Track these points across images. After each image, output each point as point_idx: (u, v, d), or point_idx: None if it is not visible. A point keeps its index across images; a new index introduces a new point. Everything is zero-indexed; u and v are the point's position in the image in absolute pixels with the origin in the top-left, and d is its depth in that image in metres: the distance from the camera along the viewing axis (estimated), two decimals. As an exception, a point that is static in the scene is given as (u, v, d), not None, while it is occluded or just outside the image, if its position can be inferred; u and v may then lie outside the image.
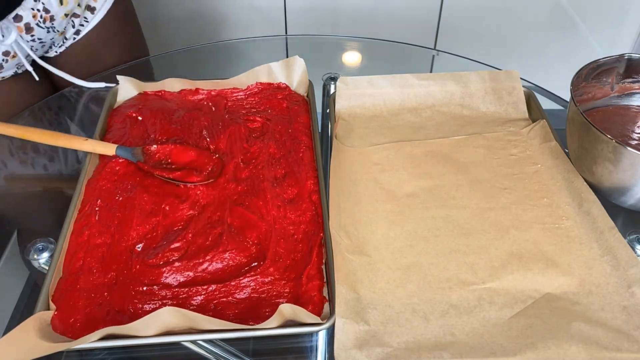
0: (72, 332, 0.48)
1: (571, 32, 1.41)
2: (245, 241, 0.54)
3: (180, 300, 0.50)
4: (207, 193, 0.60)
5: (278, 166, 0.62)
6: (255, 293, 0.51)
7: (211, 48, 0.94)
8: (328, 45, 0.95)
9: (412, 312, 0.50)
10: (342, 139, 0.68)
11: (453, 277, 0.53)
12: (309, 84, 0.73)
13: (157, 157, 0.62)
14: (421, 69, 0.89)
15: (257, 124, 0.68)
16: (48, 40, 0.78)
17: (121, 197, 0.58)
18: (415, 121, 0.72)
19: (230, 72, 0.74)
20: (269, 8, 1.33)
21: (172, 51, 0.90)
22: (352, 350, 0.46)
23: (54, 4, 0.74)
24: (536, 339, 0.47)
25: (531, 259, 0.54)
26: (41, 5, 0.73)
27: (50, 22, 0.75)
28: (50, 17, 0.75)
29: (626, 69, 0.65)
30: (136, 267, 0.52)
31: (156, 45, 1.06)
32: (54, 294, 0.50)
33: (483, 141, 0.68)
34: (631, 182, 0.56)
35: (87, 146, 0.62)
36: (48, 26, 0.76)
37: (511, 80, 0.72)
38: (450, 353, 0.47)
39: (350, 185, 0.62)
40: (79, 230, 0.55)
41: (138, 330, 0.46)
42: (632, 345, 0.47)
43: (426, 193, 0.61)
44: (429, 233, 0.57)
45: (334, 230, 0.54)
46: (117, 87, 0.72)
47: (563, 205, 0.59)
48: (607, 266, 0.53)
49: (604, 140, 0.55)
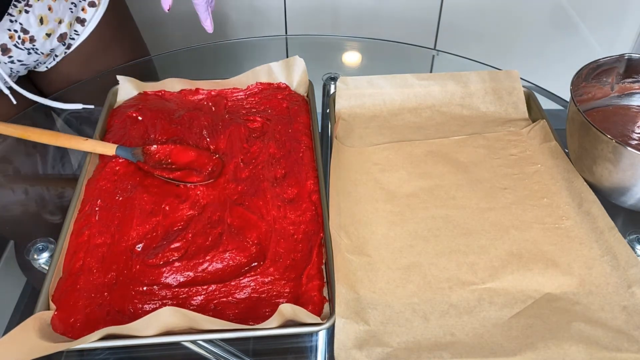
0: (72, 332, 0.48)
1: (571, 32, 1.41)
2: (245, 241, 0.54)
3: (180, 300, 0.50)
4: (207, 193, 0.60)
5: (278, 166, 0.62)
6: (255, 293, 0.51)
7: (211, 48, 0.94)
8: (328, 45, 0.95)
9: (412, 312, 0.50)
10: (342, 139, 0.68)
11: (453, 277, 0.53)
12: (309, 84, 0.73)
13: (157, 157, 0.62)
14: (421, 69, 0.89)
15: (257, 124, 0.68)
16: (31, 62, 0.76)
17: (121, 197, 0.58)
18: (415, 121, 0.72)
19: (230, 72, 0.74)
20: (269, 8, 1.33)
21: (172, 51, 0.90)
22: (352, 350, 0.46)
23: (32, 23, 0.71)
24: (536, 339, 0.47)
25: (531, 259, 0.54)
26: (18, 25, 0.70)
27: (30, 42, 0.72)
28: (30, 38, 0.72)
29: (626, 69, 0.65)
30: (136, 267, 0.52)
31: (156, 45, 1.06)
32: (54, 294, 0.50)
33: (483, 141, 0.68)
34: (631, 182, 0.56)
35: (87, 146, 0.62)
36: (28, 47, 0.73)
37: (511, 80, 0.72)
38: (450, 353, 0.47)
39: (350, 185, 0.62)
40: (79, 230, 0.55)
41: (138, 330, 0.46)
42: (632, 345, 0.47)
43: (426, 193, 0.61)
44: (429, 233, 0.57)
45: (334, 230, 0.54)
46: (117, 87, 0.72)
47: (563, 205, 0.59)
48: (607, 266, 0.53)
49: (604, 140, 0.55)
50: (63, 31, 0.76)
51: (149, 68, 0.90)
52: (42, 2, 0.70)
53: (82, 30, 0.79)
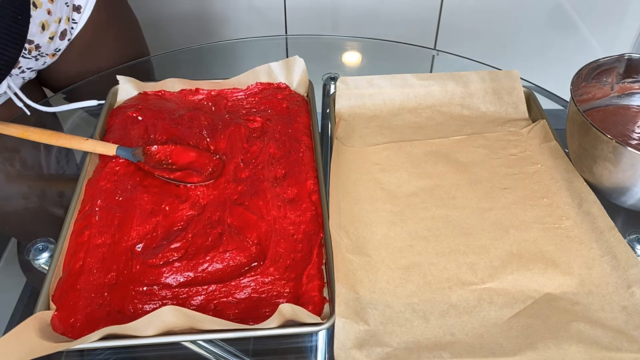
0: (72, 332, 0.48)
1: (571, 32, 1.41)
2: (246, 241, 0.54)
3: (180, 301, 0.50)
4: (207, 193, 0.60)
5: (278, 166, 0.62)
6: (256, 293, 0.51)
7: (211, 48, 0.94)
8: (328, 45, 0.95)
9: (412, 312, 0.50)
10: (342, 139, 0.68)
11: (453, 277, 0.53)
12: (309, 84, 0.73)
13: (157, 158, 0.62)
14: (421, 69, 0.89)
15: (257, 124, 0.68)
16: (40, 65, 0.75)
17: (121, 197, 0.58)
18: (415, 121, 0.72)
19: (230, 72, 0.74)
20: (269, 8, 1.33)
21: (172, 51, 0.90)
22: (352, 350, 0.46)
23: (35, 32, 0.70)
24: (536, 339, 0.47)
25: (531, 259, 0.54)
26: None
27: (36, 50, 0.72)
28: (36, 46, 0.71)
29: (626, 69, 0.65)
30: (136, 267, 0.52)
31: (156, 45, 1.06)
32: (54, 294, 0.50)
33: (483, 141, 0.68)
34: (631, 182, 0.56)
35: (87, 146, 0.62)
36: (35, 55, 0.72)
37: (511, 80, 0.72)
38: (450, 353, 0.47)
39: (350, 185, 0.62)
40: (79, 230, 0.55)
41: (138, 329, 0.46)
42: (632, 345, 0.47)
43: (426, 193, 0.61)
44: (429, 233, 0.57)
45: (334, 230, 0.54)
46: (117, 87, 0.72)
47: (563, 205, 0.59)
48: (607, 266, 0.53)
49: (604, 140, 0.55)
50: (63, 28, 0.75)
51: (147, 68, 0.90)
52: (42, 9, 0.70)
53: (79, 18, 0.78)
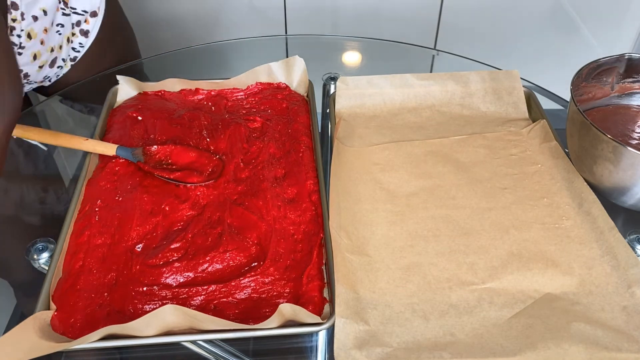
0: (72, 332, 0.48)
1: (571, 32, 1.41)
2: (245, 241, 0.54)
3: (180, 301, 0.50)
4: (207, 193, 0.60)
5: (278, 166, 0.62)
6: (256, 293, 0.51)
7: (211, 48, 0.94)
8: (328, 45, 0.95)
9: (412, 312, 0.50)
10: (342, 139, 0.68)
11: (453, 277, 0.53)
12: (309, 84, 0.73)
13: (157, 158, 0.62)
14: (421, 69, 0.89)
15: (257, 124, 0.68)
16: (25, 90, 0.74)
17: (121, 197, 0.58)
18: (415, 121, 0.72)
19: (230, 72, 0.74)
20: (269, 8, 1.33)
21: (171, 51, 0.90)
22: (352, 350, 0.46)
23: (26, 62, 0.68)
24: (536, 339, 0.47)
25: (531, 259, 0.54)
26: None
27: (25, 79, 0.71)
28: (25, 75, 0.70)
29: (626, 69, 0.65)
30: (136, 267, 0.52)
31: (155, 45, 1.06)
32: (54, 294, 0.50)
33: (483, 141, 0.68)
34: (631, 182, 0.56)
35: (87, 146, 0.62)
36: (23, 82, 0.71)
37: (511, 80, 0.72)
38: (450, 353, 0.47)
39: (350, 185, 0.62)
40: (79, 230, 0.55)
41: (138, 329, 0.46)
42: (632, 345, 0.47)
43: (426, 193, 0.61)
44: (429, 233, 0.57)
45: (334, 230, 0.54)
46: (117, 87, 0.72)
47: (563, 205, 0.59)
48: (607, 266, 0.53)
49: (604, 140, 0.55)
50: (54, 57, 0.74)
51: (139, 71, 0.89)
52: (35, 39, 0.69)
53: (86, 42, 0.78)
